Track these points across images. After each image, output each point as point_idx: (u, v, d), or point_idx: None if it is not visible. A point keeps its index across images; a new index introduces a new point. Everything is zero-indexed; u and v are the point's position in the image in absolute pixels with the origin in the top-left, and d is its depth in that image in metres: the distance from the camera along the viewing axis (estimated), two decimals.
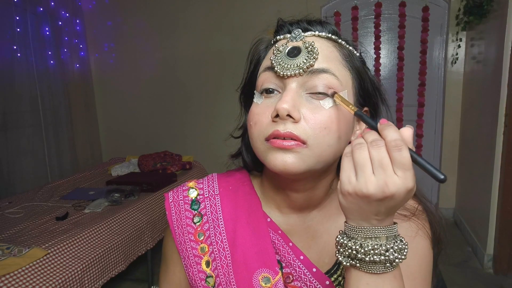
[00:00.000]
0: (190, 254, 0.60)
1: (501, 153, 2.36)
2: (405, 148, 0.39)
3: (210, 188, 0.65)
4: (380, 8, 3.29)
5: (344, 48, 0.56)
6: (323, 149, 0.50)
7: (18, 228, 2.06)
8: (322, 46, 0.53)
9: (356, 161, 0.42)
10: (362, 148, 0.41)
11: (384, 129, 0.41)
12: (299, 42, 0.53)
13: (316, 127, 0.50)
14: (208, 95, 3.82)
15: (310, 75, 0.51)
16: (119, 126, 4.18)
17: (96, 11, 3.99)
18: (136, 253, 2.26)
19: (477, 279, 2.41)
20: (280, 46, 0.53)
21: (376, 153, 0.40)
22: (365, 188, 0.40)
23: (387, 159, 0.40)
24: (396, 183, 0.40)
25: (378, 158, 0.40)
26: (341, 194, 0.44)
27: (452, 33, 3.14)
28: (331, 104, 0.50)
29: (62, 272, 1.73)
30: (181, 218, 0.62)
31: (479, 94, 2.82)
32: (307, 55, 0.51)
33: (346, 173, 0.43)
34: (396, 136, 0.40)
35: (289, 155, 0.49)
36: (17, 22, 3.20)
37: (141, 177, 2.85)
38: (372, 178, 0.40)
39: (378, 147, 0.40)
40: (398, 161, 0.39)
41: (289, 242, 0.58)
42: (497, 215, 2.41)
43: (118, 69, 4.05)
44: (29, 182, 3.28)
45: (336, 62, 0.53)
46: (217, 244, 0.59)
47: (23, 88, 3.26)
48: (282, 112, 0.49)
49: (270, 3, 3.48)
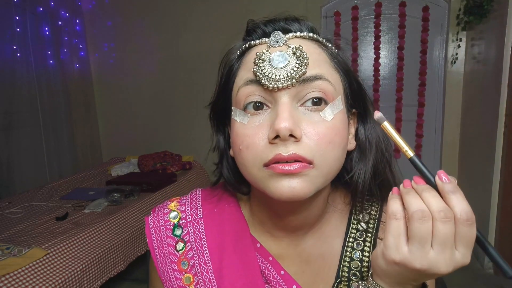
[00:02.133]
0: (174, 285, 0.55)
1: (501, 153, 2.36)
2: (474, 224, 0.36)
3: (193, 211, 0.59)
4: (380, 8, 3.28)
5: (328, 47, 0.50)
6: (331, 166, 0.45)
7: (18, 228, 2.06)
8: (309, 48, 0.46)
9: (415, 232, 0.37)
10: (427, 220, 0.36)
11: (451, 194, 0.36)
12: (282, 47, 0.46)
13: (322, 143, 0.43)
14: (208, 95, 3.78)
15: (302, 85, 0.44)
16: (119, 126, 4.18)
17: (96, 11, 3.99)
18: (136, 253, 2.26)
19: (477, 279, 2.41)
20: (261, 54, 0.45)
21: (443, 229, 0.36)
22: (419, 263, 0.36)
23: (453, 237, 0.36)
24: (455, 261, 0.36)
25: (444, 234, 0.36)
26: (383, 260, 0.40)
27: (452, 33, 3.14)
28: (332, 115, 0.45)
29: (62, 272, 1.73)
30: (163, 245, 0.56)
31: (479, 94, 2.82)
32: (297, 62, 0.44)
33: (394, 239, 0.38)
34: (468, 207, 0.35)
35: (296, 180, 0.43)
36: (17, 22, 3.20)
37: (141, 177, 2.85)
38: (430, 254, 0.36)
39: (448, 221, 0.36)
40: (465, 238, 0.35)
41: (280, 271, 0.53)
42: (497, 215, 2.41)
43: (118, 69, 4.05)
44: (29, 182, 3.28)
45: (326, 65, 0.47)
46: (202, 275, 0.53)
47: (23, 88, 3.26)
48: (284, 133, 0.42)
49: (270, 3, 3.48)
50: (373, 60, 3.40)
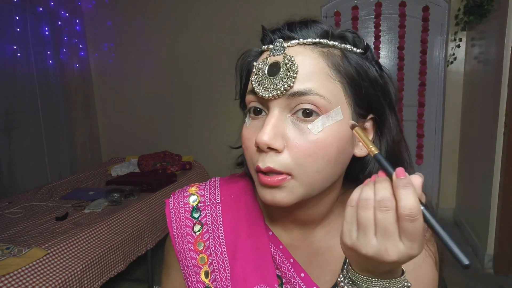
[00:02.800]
0: (189, 263, 0.58)
1: (501, 153, 2.36)
2: (419, 219, 0.36)
3: (212, 196, 0.62)
4: (380, 8, 3.29)
5: (337, 51, 0.48)
6: (312, 176, 0.46)
7: (18, 228, 2.06)
8: (306, 58, 0.46)
9: (359, 219, 0.38)
10: (368, 208, 0.38)
11: (399, 188, 0.36)
12: (280, 56, 0.47)
13: (300, 156, 0.45)
14: (208, 95, 3.82)
15: (291, 98, 0.45)
16: (119, 126, 4.18)
17: (96, 11, 3.99)
18: (136, 253, 2.26)
19: (477, 279, 2.41)
20: (260, 63, 0.48)
21: (382, 218, 0.37)
22: (364, 250, 0.38)
23: (393, 227, 0.36)
24: (399, 252, 0.37)
25: (383, 223, 0.37)
26: (341, 243, 0.41)
27: (452, 33, 3.14)
28: (320, 128, 0.45)
29: (62, 272, 1.73)
30: (181, 226, 0.60)
31: (479, 94, 2.82)
32: (286, 74, 0.45)
33: (348, 225, 0.40)
34: (412, 204, 0.35)
35: (277, 191, 0.47)
36: (17, 22, 3.20)
37: (141, 177, 2.85)
38: (373, 242, 0.37)
39: (386, 211, 0.36)
40: (408, 232, 0.36)
41: (290, 258, 0.56)
42: (497, 215, 2.41)
43: (118, 69, 4.05)
44: (30, 182, 3.28)
45: (321, 78, 0.46)
46: (217, 256, 0.57)
47: (23, 88, 3.26)
48: (262, 146, 0.45)
49: (271, 3, 3.48)
50: None
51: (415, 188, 0.37)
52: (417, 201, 0.36)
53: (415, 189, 0.37)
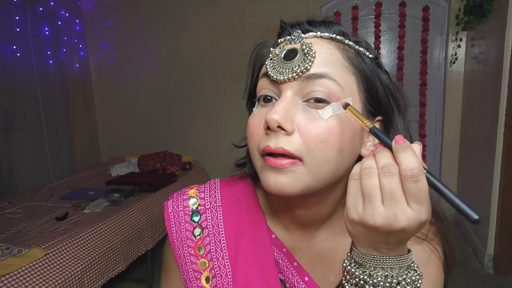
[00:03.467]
0: (189, 268, 0.56)
1: (501, 153, 2.36)
2: (422, 179, 0.36)
3: (212, 199, 0.60)
4: (380, 8, 3.28)
5: (351, 49, 0.50)
6: (320, 166, 0.45)
7: (18, 228, 2.06)
8: (322, 48, 0.47)
9: (363, 189, 0.38)
10: (372, 176, 0.37)
11: (399, 152, 0.36)
12: (297, 44, 0.47)
13: (311, 141, 0.44)
14: (208, 95, 3.82)
15: (306, 81, 0.45)
16: (119, 126, 4.18)
17: (96, 11, 3.99)
18: (136, 253, 2.26)
19: (477, 279, 2.41)
20: (277, 49, 0.49)
21: (387, 183, 0.36)
22: (372, 220, 0.37)
23: (399, 191, 0.36)
24: (408, 217, 0.36)
25: (389, 188, 0.36)
26: (347, 220, 0.40)
27: (452, 33, 3.14)
28: (330, 114, 0.45)
29: (62, 272, 1.72)
30: (181, 230, 0.58)
31: (479, 94, 2.82)
32: (303, 57, 0.45)
33: (352, 199, 0.39)
34: (413, 164, 0.36)
35: (283, 176, 0.45)
36: (17, 22, 3.20)
37: (141, 177, 2.85)
38: (380, 210, 0.36)
39: (390, 175, 0.36)
40: (413, 194, 0.36)
41: (293, 262, 0.54)
42: (497, 215, 2.41)
43: (118, 69, 4.05)
44: (31, 182, 3.28)
45: (337, 66, 0.47)
46: (218, 260, 0.55)
47: (24, 88, 3.27)
48: (272, 124, 0.43)
49: (270, 3, 3.48)
50: None
51: (414, 151, 0.37)
52: (418, 162, 0.36)
53: (414, 152, 0.37)
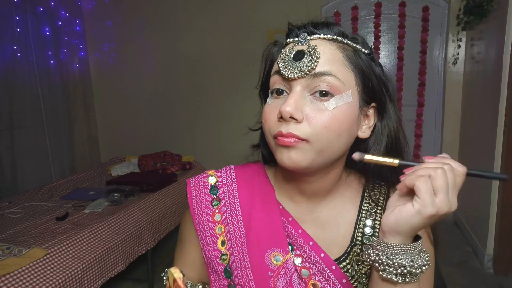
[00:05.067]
0: (207, 233, 0.65)
1: (501, 153, 2.36)
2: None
3: (228, 176, 0.69)
4: (380, 8, 3.29)
5: (349, 48, 0.58)
6: (323, 145, 0.54)
7: (18, 228, 2.06)
8: (325, 49, 0.56)
9: (439, 185, 0.46)
10: (444, 174, 0.47)
11: (447, 159, 0.49)
12: (304, 46, 0.56)
13: (317, 126, 0.54)
14: (208, 94, 3.82)
15: (313, 78, 0.54)
16: (119, 126, 4.18)
17: (96, 11, 3.99)
18: (136, 253, 2.26)
19: (477, 279, 2.41)
20: (287, 50, 0.57)
21: (452, 177, 0.47)
22: (448, 208, 0.46)
23: (455, 184, 0.47)
24: (455, 201, 0.47)
25: (453, 182, 0.47)
26: (421, 216, 0.47)
27: (452, 33, 3.14)
28: (334, 105, 0.54)
29: (62, 272, 1.73)
30: (201, 201, 0.67)
31: (479, 94, 2.82)
32: (310, 58, 0.54)
33: (428, 197, 0.46)
34: (459, 165, 0.48)
35: (292, 151, 0.54)
36: (17, 22, 3.20)
37: (141, 177, 2.85)
38: (453, 199, 0.47)
39: (451, 171, 0.47)
40: (458, 186, 0.47)
41: (299, 229, 0.63)
42: (497, 215, 2.41)
43: (118, 69, 4.05)
44: (32, 182, 3.28)
45: (338, 64, 0.55)
46: (233, 225, 0.64)
47: (24, 88, 3.27)
48: (285, 115, 0.53)
49: (270, 3, 3.48)
50: None
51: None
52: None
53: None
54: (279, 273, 0.60)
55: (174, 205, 2.74)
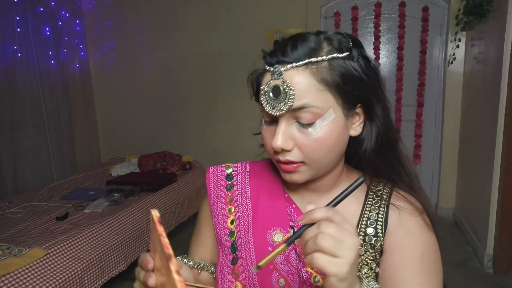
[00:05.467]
0: (219, 213, 0.73)
1: (501, 153, 2.36)
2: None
3: (243, 167, 0.78)
4: (380, 8, 3.29)
5: (323, 64, 0.58)
6: (319, 162, 0.61)
7: (18, 228, 2.06)
8: (300, 79, 0.57)
9: (327, 248, 0.48)
10: (324, 236, 0.49)
11: (315, 214, 0.50)
12: (279, 80, 0.58)
13: (308, 151, 0.59)
14: (208, 95, 3.82)
15: (293, 111, 0.58)
16: (119, 126, 4.18)
17: (96, 11, 3.99)
18: (137, 253, 2.26)
19: (477, 279, 2.41)
20: (265, 87, 0.60)
21: (333, 230, 0.49)
22: (350, 254, 0.48)
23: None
24: (353, 243, 0.49)
25: (335, 233, 0.49)
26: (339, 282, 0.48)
27: (452, 33, 3.14)
28: (318, 129, 0.58)
29: (62, 272, 1.73)
30: (217, 185, 0.76)
31: (479, 94, 2.82)
32: (285, 96, 0.57)
33: (329, 265, 0.47)
34: (326, 212, 0.50)
35: (293, 175, 0.62)
36: (17, 22, 3.20)
37: (141, 177, 2.86)
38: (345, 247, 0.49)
39: (332, 222, 0.49)
40: (345, 231, 0.49)
41: (301, 214, 0.68)
42: (497, 215, 2.41)
43: (118, 69, 4.05)
44: (32, 182, 3.28)
45: (313, 92, 0.58)
46: (242, 206, 0.72)
47: (25, 88, 3.27)
48: (276, 150, 0.60)
49: (271, 3, 3.48)
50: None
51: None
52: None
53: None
54: None
55: (174, 205, 2.74)
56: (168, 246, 0.45)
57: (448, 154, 3.36)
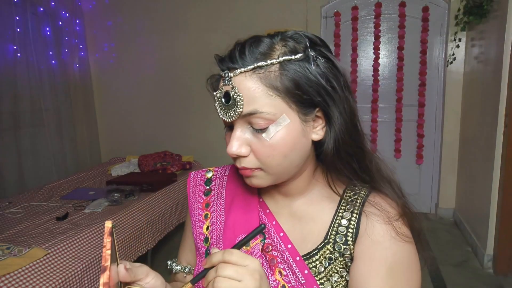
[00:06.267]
0: (197, 219, 0.74)
1: (501, 153, 2.36)
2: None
3: (223, 171, 0.78)
4: (380, 8, 3.29)
5: (273, 69, 0.56)
6: (275, 168, 0.59)
7: (18, 228, 2.06)
8: (248, 84, 0.56)
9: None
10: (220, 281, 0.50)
11: (215, 257, 0.52)
12: (229, 86, 0.57)
13: (262, 157, 0.58)
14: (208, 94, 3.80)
15: (244, 117, 0.57)
16: (119, 126, 4.18)
17: (96, 11, 3.99)
18: (137, 253, 2.26)
19: (477, 279, 2.41)
20: (218, 92, 0.60)
21: (230, 273, 0.50)
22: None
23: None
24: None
25: (233, 274, 0.50)
26: None
27: (452, 33, 3.14)
28: (272, 134, 0.57)
29: (62, 272, 1.73)
30: (196, 191, 0.77)
31: (479, 94, 2.82)
32: (234, 103, 0.56)
33: None
34: (225, 255, 0.51)
35: (252, 179, 0.61)
36: (18, 22, 3.20)
37: (141, 177, 2.86)
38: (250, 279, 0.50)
39: (228, 263, 0.51)
40: (246, 269, 0.51)
41: (273, 221, 0.68)
42: (497, 215, 2.41)
43: (118, 69, 4.05)
44: (32, 182, 3.28)
45: (263, 98, 0.56)
46: (216, 211, 0.72)
47: (25, 88, 3.27)
48: (232, 156, 0.59)
49: (271, 3, 3.48)
50: (373, 60, 3.40)
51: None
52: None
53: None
54: None
55: (174, 205, 2.74)
56: (106, 258, 0.45)
57: (448, 154, 3.36)
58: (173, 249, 2.91)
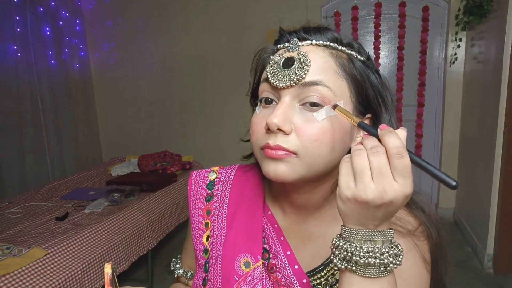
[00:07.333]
0: (197, 226, 0.68)
1: (501, 153, 2.36)
2: (406, 156, 0.40)
3: (227, 174, 0.71)
4: (380, 8, 3.29)
5: (343, 55, 0.55)
6: (314, 159, 0.51)
7: (18, 228, 2.06)
8: (317, 56, 0.53)
9: (355, 168, 0.42)
10: (361, 155, 0.42)
11: (385, 136, 0.41)
12: (295, 52, 0.53)
13: (306, 139, 0.51)
14: (208, 95, 3.82)
15: (302, 87, 0.51)
16: (119, 126, 4.18)
17: (96, 11, 3.99)
18: (137, 253, 2.26)
19: (477, 279, 2.41)
20: (276, 57, 0.54)
21: (375, 160, 0.41)
22: (364, 194, 0.41)
23: (386, 167, 0.40)
24: (395, 190, 0.40)
25: (377, 165, 0.40)
26: (340, 199, 0.44)
27: (452, 33, 3.14)
28: (324, 116, 0.51)
29: (62, 272, 1.73)
30: (197, 194, 0.70)
31: (479, 94, 2.82)
32: (299, 66, 0.51)
33: (344, 178, 0.43)
34: (398, 143, 0.40)
35: (280, 165, 0.52)
36: (17, 22, 3.20)
37: (141, 177, 2.85)
38: (371, 185, 0.41)
39: (378, 154, 0.41)
40: (399, 169, 0.40)
41: (281, 237, 0.61)
42: (497, 215, 2.41)
43: (118, 69, 4.05)
44: (32, 182, 3.28)
45: (330, 73, 0.52)
46: (217, 222, 0.66)
47: (25, 88, 3.27)
48: (272, 127, 0.50)
49: (270, 3, 3.48)
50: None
51: (397, 134, 0.41)
52: (402, 142, 0.41)
53: (397, 134, 0.41)
54: (245, 279, 0.59)
55: (174, 205, 2.74)
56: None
57: (448, 154, 3.36)
58: (174, 249, 2.91)
